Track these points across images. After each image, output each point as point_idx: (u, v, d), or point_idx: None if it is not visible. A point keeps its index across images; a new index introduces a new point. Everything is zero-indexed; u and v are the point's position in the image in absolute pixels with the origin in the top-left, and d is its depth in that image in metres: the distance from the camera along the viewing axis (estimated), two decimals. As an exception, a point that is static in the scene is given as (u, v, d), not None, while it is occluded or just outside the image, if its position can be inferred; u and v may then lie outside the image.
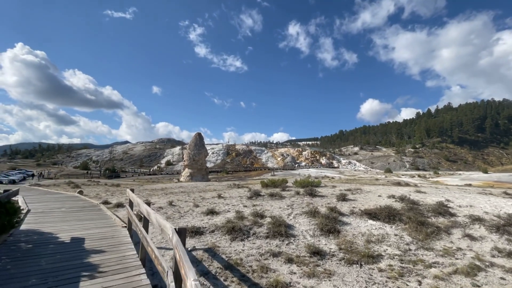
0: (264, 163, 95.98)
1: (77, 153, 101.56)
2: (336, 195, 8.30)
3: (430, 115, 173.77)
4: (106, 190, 13.67)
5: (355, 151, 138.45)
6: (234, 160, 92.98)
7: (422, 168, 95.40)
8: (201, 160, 46.70)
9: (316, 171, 68.44)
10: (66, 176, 50.44)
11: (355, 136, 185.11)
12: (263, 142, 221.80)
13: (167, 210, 7.30)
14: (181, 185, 17.66)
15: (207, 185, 16.97)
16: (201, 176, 46.17)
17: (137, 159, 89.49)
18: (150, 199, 9.18)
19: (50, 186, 21.77)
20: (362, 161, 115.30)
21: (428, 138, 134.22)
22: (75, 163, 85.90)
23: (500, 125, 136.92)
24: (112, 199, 9.75)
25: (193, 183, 19.10)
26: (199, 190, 13.12)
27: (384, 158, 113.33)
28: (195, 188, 14.64)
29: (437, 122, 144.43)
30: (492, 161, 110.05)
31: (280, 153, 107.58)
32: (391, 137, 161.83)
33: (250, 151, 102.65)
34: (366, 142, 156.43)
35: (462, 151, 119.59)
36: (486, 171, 63.06)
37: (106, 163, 76.07)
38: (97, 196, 10.57)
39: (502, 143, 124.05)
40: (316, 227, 5.47)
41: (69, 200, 9.85)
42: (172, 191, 12.96)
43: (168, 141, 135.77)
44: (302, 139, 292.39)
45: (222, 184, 17.43)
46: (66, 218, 6.93)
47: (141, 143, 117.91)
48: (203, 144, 48.55)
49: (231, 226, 5.19)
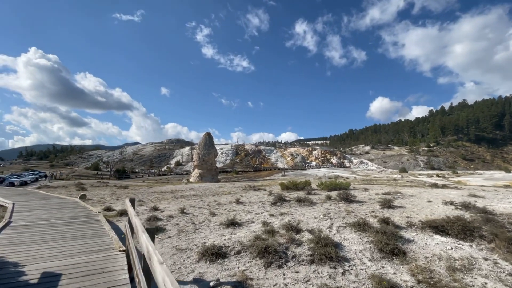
0: (274, 163, 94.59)
1: (89, 154, 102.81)
2: (377, 201, 6.96)
3: (444, 112, 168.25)
4: (112, 192, 12.66)
5: (367, 150, 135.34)
6: (243, 160, 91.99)
7: (437, 168, 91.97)
8: (210, 160, 45.74)
9: (328, 171, 66.59)
10: (77, 177, 50.47)
11: (365, 135, 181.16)
12: (271, 142, 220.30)
13: (179, 220, 6.14)
14: (191, 187, 16.55)
15: (220, 187, 15.79)
16: (211, 176, 45.21)
17: (147, 159, 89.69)
18: (159, 205, 8.07)
19: (58, 187, 21.10)
20: (374, 160, 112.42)
21: (443, 137, 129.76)
22: (86, 164, 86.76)
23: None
24: (117, 205, 8.67)
25: (204, 185, 17.96)
26: (212, 193, 11.96)
27: (397, 158, 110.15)
28: (207, 190, 13.48)
29: (452, 119, 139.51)
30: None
31: (289, 153, 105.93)
32: (403, 135, 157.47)
33: (259, 151, 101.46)
34: (378, 141, 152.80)
35: (480, 150, 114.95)
36: (509, 170, 59.72)
37: (117, 163, 76.38)
38: (101, 200, 9.55)
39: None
40: (373, 246, 4.18)
41: (65, 207, 8.58)
42: (183, 194, 11.85)
43: (177, 141, 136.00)
44: (311, 138, 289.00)
45: (235, 186, 16.23)
46: (51, 236, 5.50)
47: (151, 143, 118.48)
48: (213, 144, 47.60)
49: (263, 245, 3.93)
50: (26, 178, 40.29)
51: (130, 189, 15.23)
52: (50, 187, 21.95)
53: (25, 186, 32.77)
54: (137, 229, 2.69)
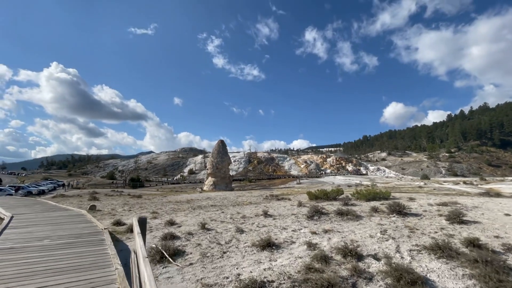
0: (287, 170, 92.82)
1: (105, 163, 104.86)
2: (439, 214, 5.65)
3: (464, 116, 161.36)
4: (124, 203, 11.82)
5: (383, 156, 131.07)
6: (256, 168, 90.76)
7: (461, 174, 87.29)
8: (224, 168, 44.86)
9: (344, 179, 64.21)
10: (92, 186, 50.86)
11: (381, 141, 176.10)
12: (283, 150, 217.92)
13: (201, 238, 5.08)
14: (207, 196, 15.54)
15: (237, 196, 14.69)
16: (225, 184, 44.23)
17: (160, 168, 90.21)
18: (175, 217, 7.08)
19: (72, 196, 20.77)
20: (392, 167, 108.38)
21: (464, 142, 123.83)
22: (102, 173, 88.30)
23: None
24: (128, 217, 7.70)
25: (220, 194, 16.91)
26: (232, 203, 10.87)
27: (416, 164, 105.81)
28: (225, 200, 12.41)
29: (473, 124, 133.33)
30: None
31: (303, 160, 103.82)
32: (421, 141, 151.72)
33: (272, 159, 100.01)
34: (394, 147, 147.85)
35: (506, 155, 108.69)
36: (544, 176, 55.33)
37: (131, 172, 77.10)
38: (111, 212, 8.68)
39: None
40: (479, 283, 2.94)
41: (69, 222, 7.52)
42: (199, 204, 10.85)
43: (190, 150, 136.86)
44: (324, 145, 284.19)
45: (254, 195, 15.07)
46: (35, 267, 3.98)
47: (165, 152, 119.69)
48: (226, 151, 46.81)
49: (323, 283, 2.78)
50: (44, 187, 40.81)
51: (143, 199, 14.39)
52: (65, 196, 21.64)
53: (43, 195, 32.99)
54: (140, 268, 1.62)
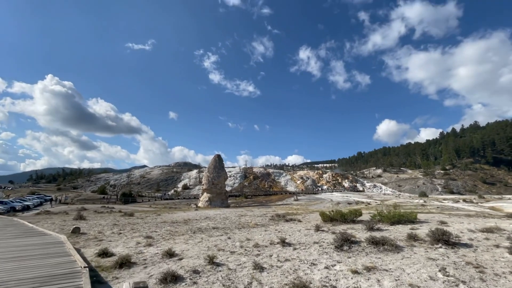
0: (283, 186, 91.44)
1: (97, 177, 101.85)
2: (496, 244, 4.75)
3: (455, 134, 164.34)
4: (114, 223, 10.56)
5: (378, 173, 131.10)
6: (252, 183, 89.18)
7: (457, 192, 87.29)
8: (220, 184, 43.50)
9: (342, 195, 63.17)
10: (82, 201, 48.64)
11: (376, 158, 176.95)
12: (279, 165, 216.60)
13: (210, 280, 3.88)
14: (206, 215, 14.38)
15: (239, 215, 13.57)
16: (221, 201, 42.72)
17: (154, 183, 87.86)
18: (173, 245, 6.06)
19: (58, 214, 19.32)
20: (388, 184, 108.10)
21: (458, 159, 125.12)
22: (93, 187, 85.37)
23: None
24: (117, 244, 6.73)
25: (219, 212, 15.77)
26: (235, 224, 9.81)
27: (412, 181, 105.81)
28: (227, 220, 11.33)
29: (466, 141, 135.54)
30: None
31: (299, 176, 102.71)
32: (415, 158, 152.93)
33: (268, 174, 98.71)
34: (390, 164, 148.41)
35: (500, 173, 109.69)
36: (540, 195, 55.30)
37: (124, 187, 74.66)
38: (98, 236, 7.45)
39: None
40: None
41: (41, 255, 5.87)
42: (199, 225, 9.75)
43: (185, 164, 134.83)
44: (319, 161, 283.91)
45: (257, 214, 13.97)
46: None
47: (159, 167, 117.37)
48: (223, 166, 45.66)
49: None
50: (29, 203, 38.68)
51: (135, 218, 13.14)
52: (49, 213, 20.12)
53: (27, 211, 31.01)
54: None
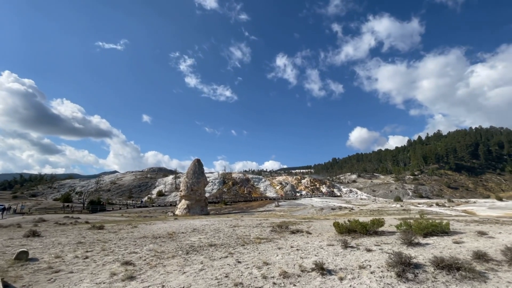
0: (263, 192, 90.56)
1: (60, 184, 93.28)
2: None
3: (421, 142, 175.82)
4: (79, 240, 8.58)
5: (353, 178, 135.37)
6: (231, 189, 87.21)
7: (425, 196, 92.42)
8: (200, 190, 41.39)
9: (321, 201, 63.67)
10: (42, 210, 43.68)
11: (350, 164, 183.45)
12: (257, 171, 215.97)
13: None
14: (191, 226, 12.77)
15: (231, 225, 12.14)
16: (200, 208, 40.57)
17: (126, 189, 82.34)
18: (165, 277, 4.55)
19: (9, 227, 16.39)
20: (363, 189, 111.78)
21: (425, 165, 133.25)
22: (56, 194, 77.82)
23: (492, 151, 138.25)
24: (81, 279, 4.76)
25: (205, 222, 14.27)
26: (233, 238, 8.43)
27: (385, 186, 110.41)
28: (219, 232, 9.90)
29: (431, 148, 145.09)
30: (493, 188, 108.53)
31: (278, 182, 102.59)
32: (386, 164, 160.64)
33: (247, 180, 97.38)
34: (363, 170, 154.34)
35: (462, 178, 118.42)
36: (499, 198, 59.70)
37: (92, 194, 68.91)
38: (53, 265, 5.36)
39: (497, 169, 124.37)
40: None
41: None
42: (189, 241, 8.23)
43: (159, 170, 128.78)
44: (295, 167, 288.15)
45: (250, 224, 12.63)
46: None
47: (131, 172, 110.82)
48: (203, 171, 43.60)
49: None
50: (-24, 213, 33.69)
51: (106, 231, 11.19)
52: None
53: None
54: None
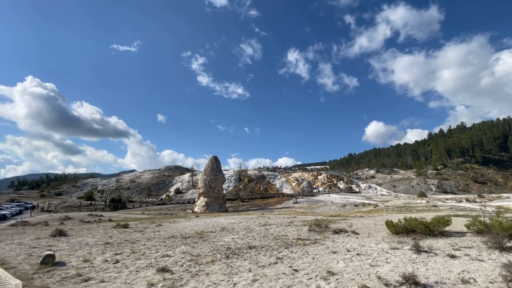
0: (279, 189, 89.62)
1: (83, 183, 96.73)
2: None
3: (443, 135, 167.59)
4: (106, 240, 8.08)
5: (372, 174, 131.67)
6: (247, 186, 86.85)
7: (450, 191, 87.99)
8: (218, 187, 41.05)
9: (340, 197, 61.78)
10: (67, 208, 44.98)
11: (368, 159, 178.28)
12: (271, 167, 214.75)
13: None
14: (218, 224, 12.08)
15: (261, 224, 11.30)
16: (218, 205, 40.25)
17: (144, 187, 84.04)
18: None
19: (36, 225, 16.51)
20: (383, 184, 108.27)
21: (449, 159, 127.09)
22: (80, 193, 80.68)
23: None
24: None
25: (231, 220, 13.56)
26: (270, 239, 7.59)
27: (406, 181, 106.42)
28: (251, 231, 9.09)
29: (456, 142, 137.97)
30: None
31: (294, 178, 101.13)
32: (406, 159, 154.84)
33: (263, 177, 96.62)
34: (382, 165, 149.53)
35: (490, 172, 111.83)
36: (536, 193, 55.55)
37: (113, 192, 70.71)
38: (82, 271, 4.72)
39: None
40: None
41: None
42: (222, 241, 7.47)
43: (176, 168, 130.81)
44: (310, 163, 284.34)
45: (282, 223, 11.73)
46: None
47: (149, 171, 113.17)
48: (220, 168, 43.21)
49: None
50: (6, 212, 34.93)
51: (132, 230, 10.70)
52: (26, 225, 17.19)
53: (3, 220, 27.66)
54: None
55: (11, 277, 3.79)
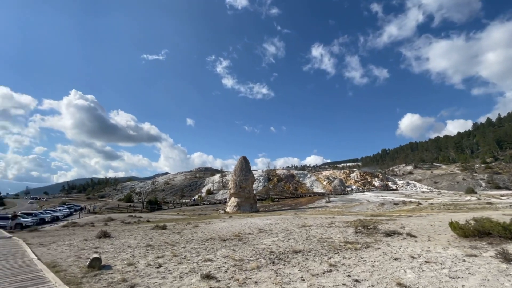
0: (309, 188, 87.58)
1: (122, 186, 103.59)
2: None
3: (491, 124, 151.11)
4: (147, 242, 8.18)
5: (409, 170, 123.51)
6: (277, 186, 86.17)
7: (504, 186, 78.90)
8: (248, 187, 41.07)
9: (376, 195, 58.36)
10: (109, 210, 48.25)
11: (405, 154, 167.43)
12: (299, 166, 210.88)
13: None
14: (254, 225, 11.76)
15: (300, 225, 10.75)
16: (250, 205, 40.23)
17: (178, 189, 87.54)
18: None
19: (84, 226, 17.73)
20: (422, 181, 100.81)
21: (500, 151, 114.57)
22: (120, 195, 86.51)
23: None
24: None
25: (267, 221, 13.17)
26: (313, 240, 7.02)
27: (449, 177, 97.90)
28: (291, 233, 8.59)
29: (507, 131, 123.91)
30: None
31: (325, 177, 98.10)
32: (448, 152, 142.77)
33: (292, 176, 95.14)
34: (420, 160, 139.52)
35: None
36: None
37: (149, 194, 74.61)
38: (127, 276, 4.61)
39: None
40: None
41: None
42: (262, 244, 7.10)
43: (206, 169, 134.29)
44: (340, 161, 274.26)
45: (321, 223, 11.07)
46: None
47: (181, 173, 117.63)
48: (250, 168, 43.20)
49: None
50: (59, 213, 38.29)
51: (170, 231, 10.79)
52: (75, 226, 18.59)
53: (57, 222, 30.32)
54: None
55: (60, 283, 3.76)
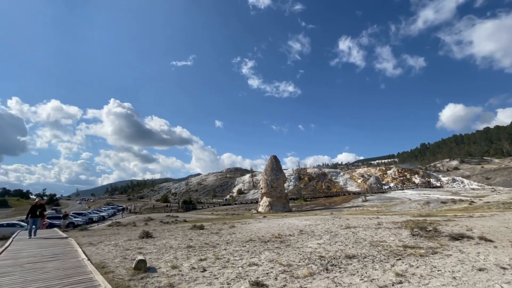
0: (342, 186, 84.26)
1: (159, 187, 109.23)
2: None
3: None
4: (188, 243, 8.11)
5: (454, 165, 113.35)
6: (308, 185, 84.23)
7: None
8: (280, 187, 40.45)
9: (418, 193, 53.99)
10: (148, 210, 50.94)
11: (448, 147, 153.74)
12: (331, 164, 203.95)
13: None
14: (293, 226, 11.25)
15: (343, 226, 9.99)
16: (282, 205, 39.59)
17: (210, 189, 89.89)
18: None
19: (127, 225, 18.71)
20: (471, 177, 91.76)
21: None
22: (157, 196, 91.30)
23: None
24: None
25: (306, 221, 12.59)
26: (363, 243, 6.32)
27: (504, 172, 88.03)
28: (336, 235, 7.95)
29: None
30: None
31: (359, 174, 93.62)
32: (500, 144, 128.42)
33: (324, 174, 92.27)
34: (467, 154, 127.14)
35: None
36: None
37: (183, 194, 77.62)
38: (173, 280, 4.37)
39: None
40: None
41: None
42: (308, 248, 6.57)
43: (236, 170, 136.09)
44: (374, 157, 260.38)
45: (366, 224, 10.19)
46: None
47: (212, 173, 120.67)
48: (280, 168, 42.56)
49: None
50: (104, 213, 41.19)
51: (208, 232, 10.72)
52: (119, 225, 19.71)
53: (102, 221, 32.67)
54: None
55: (109, 287, 3.67)
